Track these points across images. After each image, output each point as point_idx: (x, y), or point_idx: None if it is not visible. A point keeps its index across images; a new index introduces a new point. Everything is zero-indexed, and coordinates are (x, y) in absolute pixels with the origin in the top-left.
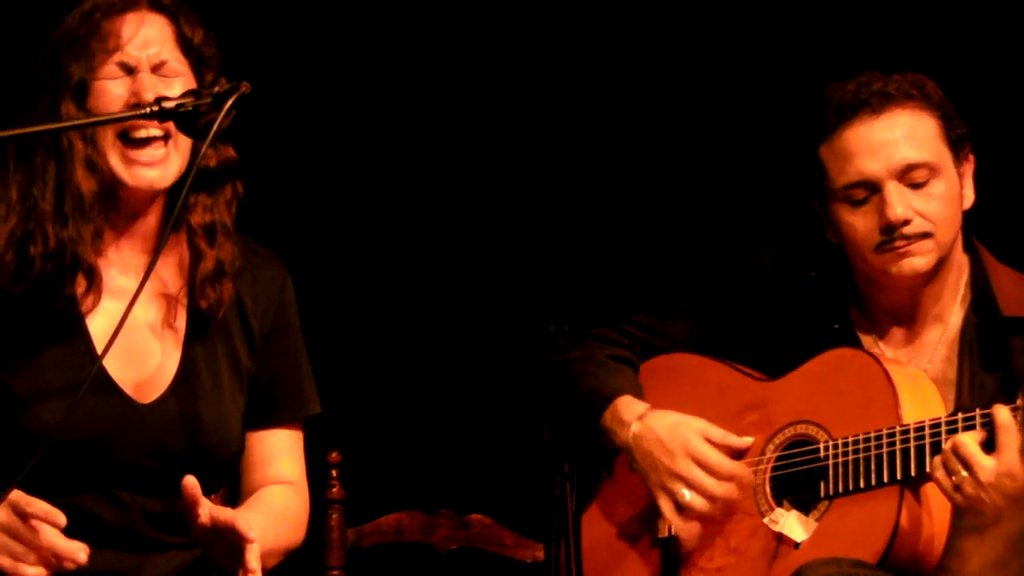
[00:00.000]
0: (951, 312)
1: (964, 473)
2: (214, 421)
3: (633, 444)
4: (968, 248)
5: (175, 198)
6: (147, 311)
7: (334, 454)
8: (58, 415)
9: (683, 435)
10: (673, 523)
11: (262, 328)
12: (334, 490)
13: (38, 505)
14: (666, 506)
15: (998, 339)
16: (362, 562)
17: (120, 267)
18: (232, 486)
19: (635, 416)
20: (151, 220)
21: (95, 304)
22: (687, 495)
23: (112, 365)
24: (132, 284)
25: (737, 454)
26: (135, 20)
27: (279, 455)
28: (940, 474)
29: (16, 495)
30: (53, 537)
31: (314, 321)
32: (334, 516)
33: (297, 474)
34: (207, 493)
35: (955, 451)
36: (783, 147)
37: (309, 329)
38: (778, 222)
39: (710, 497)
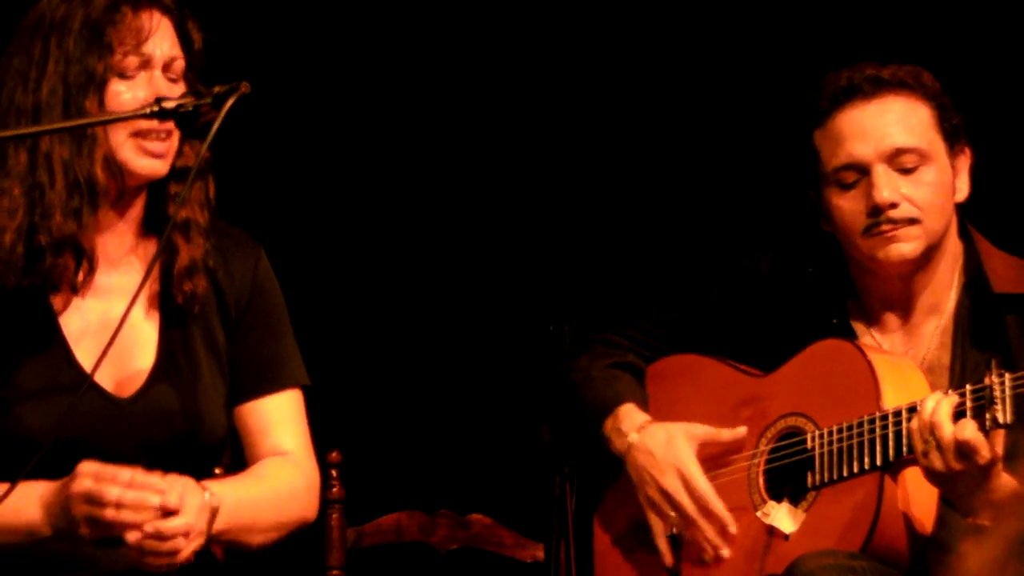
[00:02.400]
0: (947, 300)
1: (931, 439)
2: (195, 409)
3: (627, 455)
4: (963, 236)
5: (155, 195)
6: (122, 304)
7: (334, 454)
8: (39, 417)
9: (676, 454)
10: (661, 542)
11: (239, 306)
12: (334, 490)
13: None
14: (656, 523)
15: (992, 317)
16: (362, 562)
17: (97, 263)
18: (231, 468)
19: (633, 427)
20: (133, 216)
21: (70, 301)
22: (672, 514)
23: (89, 361)
24: (107, 280)
25: (733, 447)
26: (151, 19)
27: (273, 425)
28: (915, 438)
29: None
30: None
31: (315, 321)
32: (334, 516)
33: (294, 444)
34: (200, 478)
35: (928, 415)
36: (780, 137)
37: (310, 330)
38: (775, 220)
39: (690, 522)
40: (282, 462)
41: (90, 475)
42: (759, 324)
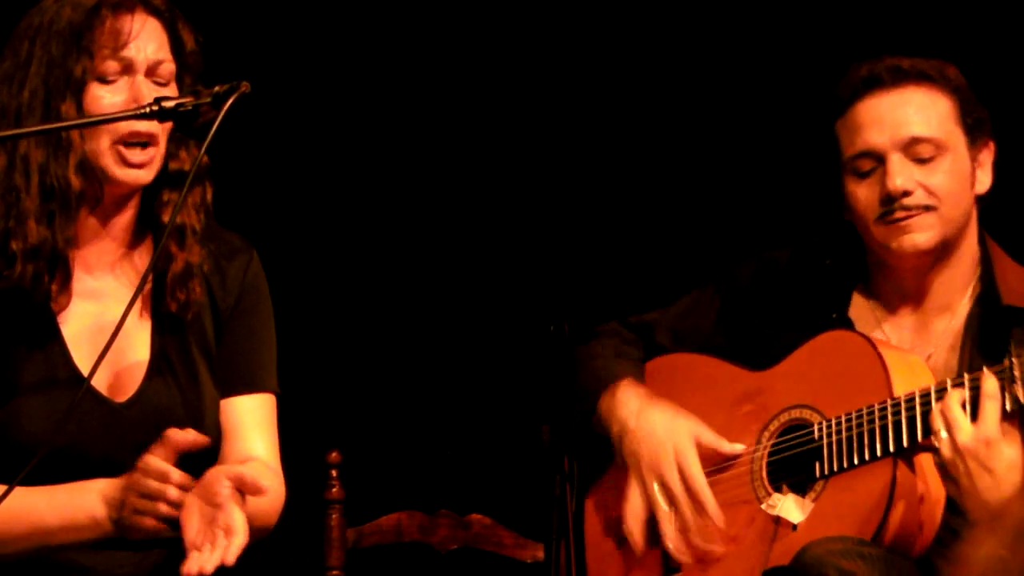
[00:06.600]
0: (960, 302)
1: (944, 434)
2: (190, 413)
3: (624, 434)
4: (981, 242)
5: (147, 199)
6: (117, 308)
7: (334, 454)
8: (36, 420)
9: (676, 435)
10: (657, 512)
11: (227, 309)
12: (334, 490)
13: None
14: (636, 492)
15: (1000, 329)
16: (362, 562)
17: (89, 267)
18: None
19: (633, 403)
20: (123, 220)
21: (67, 304)
22: (656, 488)
23: (85, 365)
24: (101, 284)
25: (729, 458)
26: (135, 21)
27: (244, 427)
28: (935, 423)
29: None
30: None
31: (315, 322)
32: (334, 516)
33: (263, 449)
34: (195, 478)
35: (941, 411)
36: (799, 130)
37: (309, 330)
38: (779, 220)
39: (679, 510)
40: (271, 474)
41: (153, 473)
42: (764, 320)
